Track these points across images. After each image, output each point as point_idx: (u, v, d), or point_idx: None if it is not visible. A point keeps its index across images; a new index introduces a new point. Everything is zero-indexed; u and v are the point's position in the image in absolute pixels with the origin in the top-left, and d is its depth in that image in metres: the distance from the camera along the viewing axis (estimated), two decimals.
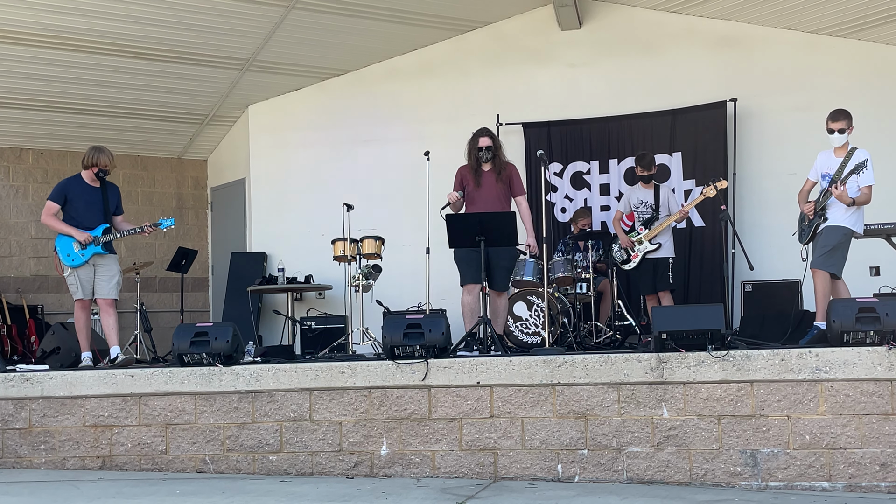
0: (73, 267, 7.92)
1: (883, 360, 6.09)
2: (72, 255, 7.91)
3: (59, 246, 7.96)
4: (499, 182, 8.19)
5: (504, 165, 8.27)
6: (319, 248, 10.24)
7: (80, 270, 7.93)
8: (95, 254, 7.94)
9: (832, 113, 7.51)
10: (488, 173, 8.22)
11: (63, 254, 7.94)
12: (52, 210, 8.00)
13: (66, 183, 8.14)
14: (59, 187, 8.10)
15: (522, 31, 11.13)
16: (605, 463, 6.33)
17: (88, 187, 8.06)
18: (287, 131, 11.72)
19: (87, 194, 8.03)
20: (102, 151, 8.06)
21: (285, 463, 6.70)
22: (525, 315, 8.65)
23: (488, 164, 8.23)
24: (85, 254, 7.89)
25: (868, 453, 6.04)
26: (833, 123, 7.47)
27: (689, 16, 10.62)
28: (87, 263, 7.93)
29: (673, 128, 10.52)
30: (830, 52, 10.30)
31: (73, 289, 8.00)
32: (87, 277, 7.95)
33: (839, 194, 7.27)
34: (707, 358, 6.29)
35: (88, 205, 8.00)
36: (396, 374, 6.65)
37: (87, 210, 7.98)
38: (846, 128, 7.44)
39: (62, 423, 6.97)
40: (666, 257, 9.14)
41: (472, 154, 8.25)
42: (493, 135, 8.34)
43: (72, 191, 8.02)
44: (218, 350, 6.94)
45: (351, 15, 10.23)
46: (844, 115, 7.47)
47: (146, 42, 10.04)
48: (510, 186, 8.25)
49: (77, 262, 7.90)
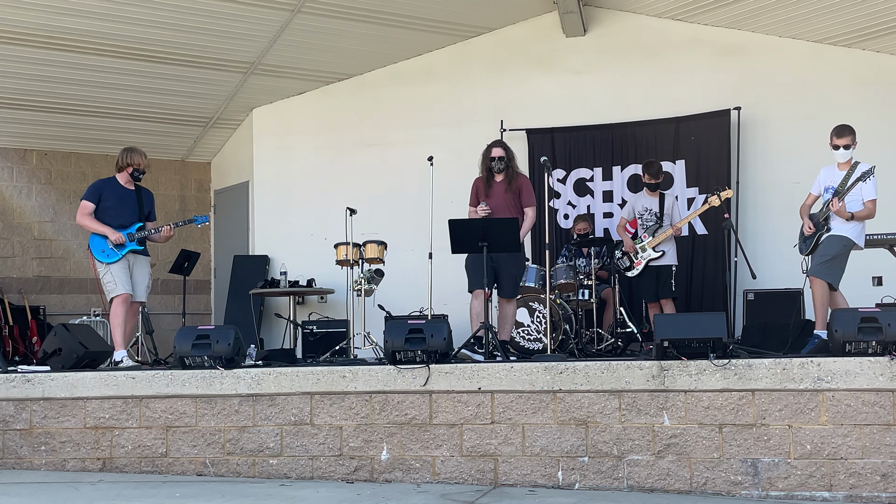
0: (108, 263, 7.87)
1: (885, 371, 6.08)
2: (107, 251, 7.87)
3: (93, 244, 7.93)
4: (508, 192, 8.25)
5: (515, 175, 8.34)
6: (322, 251, 10.24)
7: (115, 266, 7.87)
8: (131, 251, 7.93)
9: (837, 128, 7.48)
10: (499, 183, 8.31)
11: (97, 251, 7.90)
12: (87, 210, 7.96)
13: (100, 183, 8.14)
14: (94, 187, 8.09)
15: (527, 38, 11.14)
16: (605, 470, 6.33)
17: (123, 188, 8.06)
18: (291, 135, 11.73)
19: (122, 195, 8.02)
20: (135, 151, 8.07)
21: (285, 467, 6.70)
22: (527, 321, 8.65)
23: (500, 175, 8.30)
24: (121, 250, 7.86)
25: (869, 464, 6.03)
26: (838, 139, 7.44)
27: (694, 24, 10.64)
28: (123, 259, 7.89)
29: (677, 135, 10.53)
30: (835, 62, 10.30)
31: (109, 286, 7.91)
32: (123, 273, 7.90)
33: (838, 209, 7.26)
34: (709, 366, 6.28)
35: (122, 204, 7.99)
36: (398, 378, 6.64)
37: (121, 209, 7.97)
38: (851, 143, 7.43)
39: (63, 424, 6.96)
40: (669, 265, 9.14)
41: (485, 164, 8.33)
42: (506, 146, 8.42)
43: (106, 191, 8.02)
44: (219, 353, 6.94)
45: (356, 19, 10.25)
46: (850, 131, 7.44)
47: (151, 44, 10.06)
48: (520, 196, 8.30)
49: (113, 258, 7.86)
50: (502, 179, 8.31)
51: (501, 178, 8.31)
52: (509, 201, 8.25)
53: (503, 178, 8.31)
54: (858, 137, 7.49)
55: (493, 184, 8.31)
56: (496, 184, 8.31)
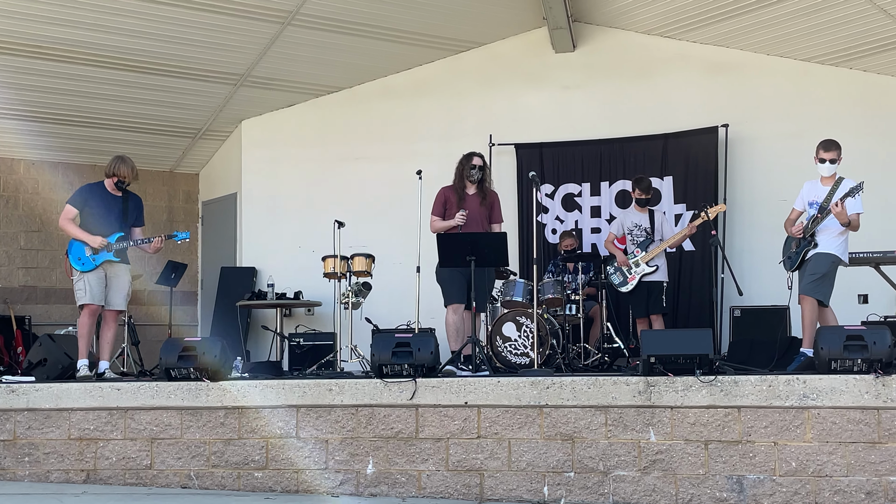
0: (82, 271, 7.86)
1: (870, 389, 6.11)
2: (83, 259, 7.85)
3: (71, 251, 7.91)
4: (483, 206, 8.35)
5: (488, 190, 8.44)
6: (310, 264, 10.23)
7: (89, 275, 7.85)
8: (107, 260, 7.89)
9: (824, 143, 7.52)
10: (473, 196, 8.36)
11: (74, 258, 7.88)
12: (70, 214, 7.94)
13: (86, 188, 8.12)
14: (79, 192, 8.06)
15: (517, 53, 11.17)
16: (591, 486, 6.32)
17: (109, 195, 8.03)
18: (280, 147, 11.72)
19: (107, 201, 7.99)
20: (124, 162, 8.02)
21: (270, 480, 6.67)
22: (514, 335, 8.65)
23: (473, 187, 8.35)
24: (97, 259, 7.84)
25: (854, 481, 6.05)
26: (825, 153, 7.48)
27: (683, 41, 10.69)
28: (98, 269, 7.87)
29: (665, 152, 10.57)
30: (822, 81, 10.36)
31: (79, 294, 7.89)
32: (97, 283, 7.87)
33: (839, 211, 7.25)
34: (695, 383, 6.29)
35: (106, 212, 7.95)
36: (384, 392, 6.64)
37: (104, 217, 7.94)
38: (837, 158, 7.47)
39: (47, 435, 6.93)
40: (660, 281, 9.14)
41: (465, 171, 8.37)
42: (484, 158, 8.50)
43: (91, 196, 7.99)
44: (205, 365, 6.92)
45: (346, 33, 10.27)
46: (836, 146, 7.49)
47: (141, 55, 10.05)
48: (491, 211, 8.41)
49: (88, 266, 7.84)
50: (475, 192, 8.37)
51: (474, 190, 8.38)
52: (483, 215, 8.34)
53: (476, 190, 8.37)
54: (844, 156, 7.54)
55: (466, 196, 8.35)
56: (469, 196, 8.36)
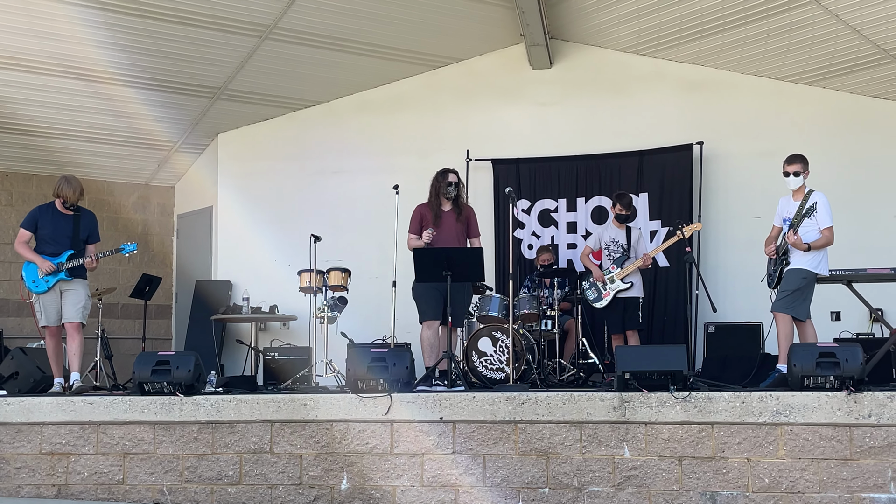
0: (37, 293, 7.95)
1: (842, 405, 6.15)
2: (37, 282, 7.95)
3: (26, 273, 8.00)
4: (459, 222, 8.42)
5: (464, 206, 8.51)
6: (285, 278, 10.18)
7: (44, 297, 7.97)
8: (61, 280, 7.95)
9: (788, 157, 7.68)
10: (449, 213, 8.41)
11: (28, 280, 7.99)
12: (24, 238, 8.05)
13: (37, 210, 8.20)
14: (31, 214, 8.16)
15: (494, 69, 11.21)
16: (565, 502, 6.32)
17: (60, 214, 8.09)
18: (256, 160, 11.69)
19: (57, 221, 8.06)
20: (69, 183, 8.06)
21: (244, 495, 6.63)
22: (490, 351, 8.64)
23: (449, 204, 8.40)
24: (49, 280, 7.90)
25: (826, 498, 6.08)
26: (788, 166, 7.62)
27: (658, 59, 10.77)
28: (53, 290, 7.95)
29: (640, 168, 10.62)
30: (795, 100, 10.47)
31: (38, 316, 8.04)
32: (52, 304, 7.96)
33: (794, 241, 7.39)
34: (669, 399, 6.32)
35: (57, 231, 8.02)
36: (359, 407, 6.62)
37: (55, 237, 8.01)
38: (801, 171, 7.58)
39: (18, 449, 6.86)
40: (636, 297, 9.19)
41: (440, 188, 8.41)
42: (459, 174, 8.59)
43: (42, 217, 8.08)
44: (179, 379, 6.88)
45: (324, 47, 10.28)
46: (800, 159, 7.62)
47: (116, 67, 10.00)
48: (468, 226, 8.48)
49: (41, 288, 7.94)
50: (451, 209, 8.43)
51: (450, 207, 8.43)
52: (459, 231, 8.40)
53: (451, 207, 8.42)
54: (818, 175, 7.62)
55: (441, 213, 8.40)
56: (445, 213, 8.42)
